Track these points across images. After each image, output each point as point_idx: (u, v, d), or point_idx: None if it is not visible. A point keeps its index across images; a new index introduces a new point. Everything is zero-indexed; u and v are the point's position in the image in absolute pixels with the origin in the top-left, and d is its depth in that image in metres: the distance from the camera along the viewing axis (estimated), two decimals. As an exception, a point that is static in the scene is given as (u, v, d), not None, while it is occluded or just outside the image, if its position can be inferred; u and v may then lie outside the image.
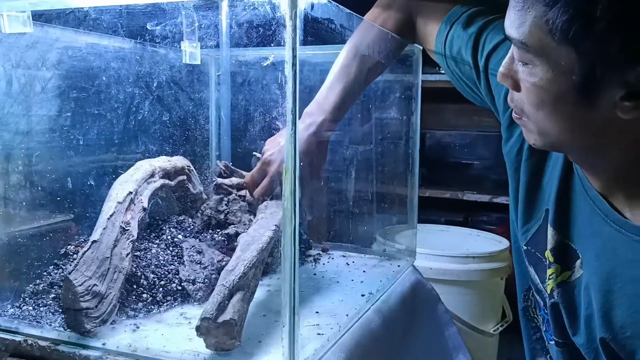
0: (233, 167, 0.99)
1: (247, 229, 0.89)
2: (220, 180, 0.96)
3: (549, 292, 0.73)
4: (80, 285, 0.69)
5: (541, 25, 0.56)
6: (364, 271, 1.05)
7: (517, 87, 0.64)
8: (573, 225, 0.71)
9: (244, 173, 0.97)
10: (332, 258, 1.13)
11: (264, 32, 0.81)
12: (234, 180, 0.97)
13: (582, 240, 0.70)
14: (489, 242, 1.69)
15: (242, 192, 0.96)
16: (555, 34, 0.55)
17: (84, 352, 0.68)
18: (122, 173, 0.85)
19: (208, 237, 0.92)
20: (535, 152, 0.75)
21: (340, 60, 0.91)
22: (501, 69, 0.64)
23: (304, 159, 0.85)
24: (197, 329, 0.63)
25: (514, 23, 0.59)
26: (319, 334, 0.74)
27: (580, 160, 0.68)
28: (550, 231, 0.73)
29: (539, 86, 0.60)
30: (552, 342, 0.77)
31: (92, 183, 0.91)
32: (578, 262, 0.70)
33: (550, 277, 0.73)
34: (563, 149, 0.69)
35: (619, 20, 0.52)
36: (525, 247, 0.78)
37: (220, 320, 0.63)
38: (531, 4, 0.57)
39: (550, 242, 0.73)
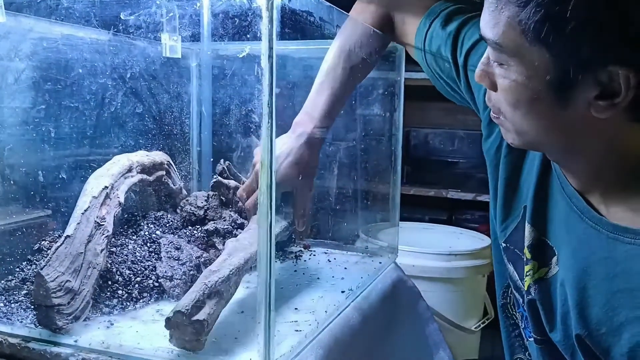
0: (235, 171, 0.98)
1: (233, 231, 0.88)
2: (220, 178, 0.95)
3: (526, 288, 0.73)
4: (52, 281, 0.67)
5: (514, 25, 0.56)
6: (345, 268, 1.04)
7: (494, 87, 0.64)
8: (550, 222, 0.71)
9: (244, 179, 0.96)
10: (314, 255, 1.12)
11: (240, 24, 0.80)
12: (232, 183, 0.96)
13: (559, 237, 0.70)
14: (472, 240, 1.70)
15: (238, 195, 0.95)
16: (528, 35, 0.55)
17: (55, 349, 0.66)
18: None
19: (187, 233, 0.91)
20: (514, 150, 0.75)
21: (326, 64, 0.90)
22: (478, 68, 0.64)
23: (296, 169, 0.86)
24: (167, 320, 0.62)
25: (489, 23, 0.59)
26: (297, 330, 0.74)
27: (557, 159, 0.68)
28: (527, 228, 0.73)
29: (514, 86, 0.60)
30: (531, 339, 0.77)
31: (71, 178, 0.89)
32: (554, 258, 0.70)
33: (528, 274, 0.73)
34: (541, 148, 0.69)
35: (588, 20, 0.52)
36: (504, 245, 0.78)
37: (194, 318, 0.62)
38: (504, 4, 0.57)
39: (528, 239, 0.73)
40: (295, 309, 0.82)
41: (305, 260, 1.07)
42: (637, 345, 0.59)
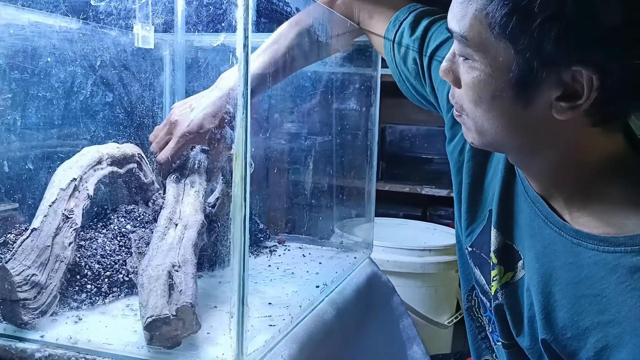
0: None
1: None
2: None
3: (493, 293, 0.72)
4: (17, 275, 0.65)
5: (481, 18, 0.55)
6: (320, 263, 1.04)
7: (458, 83, 0.63)
8: (515, 226, 0.70)
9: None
10: (289, 249, 1.11)
11: (214, 12, 0.78)
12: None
13: (524, 241, 0.69)
14: (446, 236, 1.71)
15: None
16: (494, 29, 0.54)
17: (21, 345, 0.64)
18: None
19: (159, 227, 0.89)
20: (478, 153, 0.74)
21: (277, 32, 0.87)
22: (443, 63, 0.63)
23: (211, 122, 0.83)
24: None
25: (456, 16, 0.58)
26: (271, 325, 0.73)
27: (517, 162, 0.68)
28: (493, 232, 0.72)
29: (477, 82, 0.59)
30: (499, 344, 0.76)
31: (39, 169, 0.86)
32: (520, 262, 0.69)
33: (495, 278, 0.71)
34: (500, 149, 0.68)
35: (556, 17, 0.51)
36: (470, 249, 0.77)
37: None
38: None
39: (494, 243, 0.72)
40: (269, 303, 0.81)
41: (279, 255, 1.07)
42: (602, 350, 0.58)
